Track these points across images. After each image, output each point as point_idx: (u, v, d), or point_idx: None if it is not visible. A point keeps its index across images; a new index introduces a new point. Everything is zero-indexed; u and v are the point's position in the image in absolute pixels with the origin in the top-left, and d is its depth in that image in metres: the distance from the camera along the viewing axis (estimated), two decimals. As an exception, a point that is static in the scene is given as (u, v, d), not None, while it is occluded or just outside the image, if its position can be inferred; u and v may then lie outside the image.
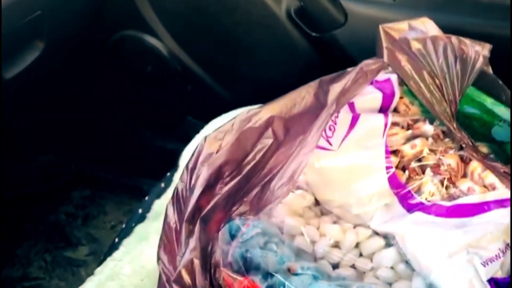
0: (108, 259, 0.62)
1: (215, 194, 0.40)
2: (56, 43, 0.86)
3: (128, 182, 1.21)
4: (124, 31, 1.02)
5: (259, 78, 0.96)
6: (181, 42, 0.99)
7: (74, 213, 1.17)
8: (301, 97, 0.50)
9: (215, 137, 0.44)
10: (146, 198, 0.73)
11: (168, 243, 0.42)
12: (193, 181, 0.41)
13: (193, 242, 0.37)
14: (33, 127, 1.16)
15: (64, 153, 1.23)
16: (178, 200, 0.42)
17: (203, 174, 0.40)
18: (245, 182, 0.43)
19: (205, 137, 0.44)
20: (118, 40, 1.03)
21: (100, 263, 0.64)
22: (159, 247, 0.42)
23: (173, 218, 0.42)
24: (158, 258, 0.42)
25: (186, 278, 0.35)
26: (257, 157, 0.44)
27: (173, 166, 0.76)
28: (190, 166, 0.43)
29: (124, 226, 0.71)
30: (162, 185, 0.74)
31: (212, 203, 0.39)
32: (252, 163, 0.44)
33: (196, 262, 0.36)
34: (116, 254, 0.63)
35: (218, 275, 0.38)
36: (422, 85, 0.49)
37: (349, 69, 0.55)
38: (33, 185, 1.18)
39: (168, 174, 0.76)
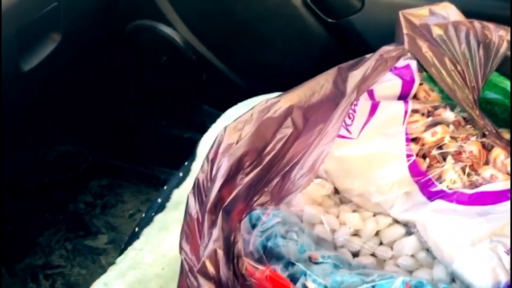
0: (129, 248, 0.63)
1: (236, 185, 0.40)
2: (73, 34, 0.86)
3: (145, 171, 1.22)
4: (139, 21, 1.02)
5: (274, 66, 0.95)
6: (196, 31, 0.99)
7: (93, 202, 1.19)
8: (320, 85, 0.50)
9: (234, 128, 0.44)
10: (165, 187, 0.74)
11: (190, 234, 0.42)
12: (214, 172, 0.41)
13: (216, 232, 0.37)
14: (51, 118, 1.17)
15: (81, 143, 1.24)
16: (199, 191, 0.43)
17: (224, 165, 0.41)
18: (266, 173, 0.43)
19: (225, 128, 0.44)
20: (133, 30, 1.03)
21: (121, 252, 0.65)
22: (181, 237, 0.43)
23: (194, 208, 0.42)
24: (181, 248, 0.42)
25: (211, 269, 0.35)
26: (277, 147, 0.44)
27: (189, 155, 0.76)
28: (210, 156, 0.43)
29: (143, 215, 0.71)
30: (181, 174, 0.74)
31: (233, 194, 0.39)
32: (272, 153, 0.43)
33: (220, 252, 0.36)
34: (137, 244, 0.64)
35: (241, 264, 0.39)
36: (443, 72, 0.48)
37: (367, 56, 0.55)
38: (52, 174, 1.20)
39: (186, 163, 0.76)
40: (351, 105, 0.47)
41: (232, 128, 0.44)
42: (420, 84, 0.60)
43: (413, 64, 0.59)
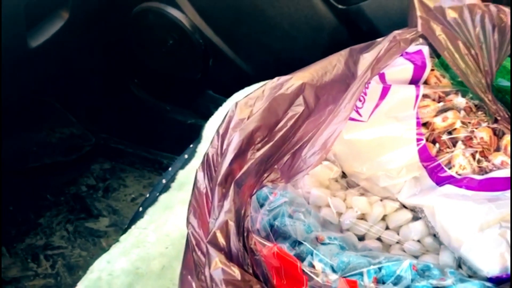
0: (133, 227, 0.63)
1: (247, 160, 0.40)
2: (80, 13, 0.86)
3: (148, 156, 1.22)
4: (147, 2, 1.01)
5: (282, 52, 0.94)
6: (204, 15, 0.98)
7: (95, 185, 1.19)
8: (332, 65, 0.49)
9: (246, 103, 0.44)
10: (170, 169, 0.73)
11: (198, 208, 0.42)
12: (224, 146, 0.41)
13: (227, 204, 0.36)
14: (56, 99, 1.17)
15: (85, 126, 1.24)
16: (208, 165, 0.42)
17: (235, 139, 0.40)
18: (276, 149, 0.42)
19: (236, 103, 0.44)
20: (141, 12, 1.02)
21: (124, 231, 0.65)
22: (189, 212, 0.42)
23: (203, 183, 0.42)
24: (188, 223, 0.42)
25: (221, 240, 0.35)
26: (288, 124, 0.43)
27: (193, 140, 0.76)
28: (221, 131, 0.43)
29: (148, 195, 0.71)
30: (186, 156, 0.74)
31: (245, 167, 0.38)
32: (283, 130, 0.43)
33: (231, 224, 0.36)
34: (141, 223, 0.63)
35: (251, 239, 0.38)
36: (457, 55, 0.47)
37: (379, 40, 0.54)
38: (54, 156, 1.20)
39: (192, 145, 0.76)
40: (364, 86, 0.46)
41: (243, 103, 0.43)
42: (432, 70, 0.59)
43: (425, 50, 0.58)
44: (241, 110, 0.43)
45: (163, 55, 1.08)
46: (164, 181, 0.71)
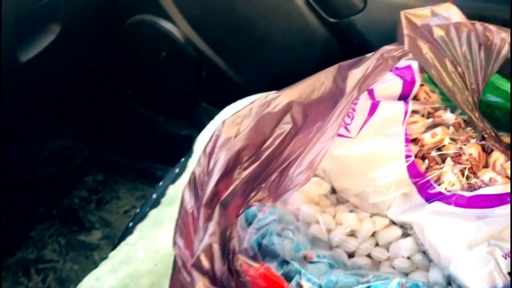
0: (122, 243, 0.62)
1: (233, 180, 0.40)
2: (72, 26, 0.85)
3: (141, 168, 1.21)
4: (139, 15, 1.01)
5: (274, 65, 0.95)
6: (196, 27, 0.98)
7: (88, 197, 1.18)
8: (320, 82, 0.49)
9: (233, 122, 0.43)
10: (160, 183, 0.73)
11: (185, 228, 0.41)
12: (211, 166, 0.41)
13: (212, 226, 0.36)
14: (48, 111, 1.16)
15: (78, 138, 1.23)
16: (195, 185, 0.42)
17: (222, 158, 0.40)
18: (264, 168, 0.42)
19: (223, 122, 0.44)
20: (133, 24, 1.02)
21: (114, 247, 0.64)
22: (175, 232, 0.42)
23: (189, 202, 0.42)
24: (174, 243, 0.42)
25: (205, 263, 0.35)
26: (276, 143, 0.43)
27: (186, 152, 0.76)
28: (208, 150, 0.42)
29: (138, 210, 0.70)
30: (177, 170, 0.73)
31: (231, 188, 0.38)
32: (270, 149, 0.43)
33: (215, 247, 0.35)
34: (130, 239, 0.63)
35: (236, 261, 0.38)
36: (443, 73, 0.47)
37: (368, 55, 0.54)
38: (47, 168, 1.19)
39: (183, 159, 0.76)
40: (351, 104, 0.46)
41: (230, 122, 0.43)
42: (421, 85, 0.59)
43: (415, 65, 0.58)
44: (228, 128, 0.43)
45: (156, 67, 1.08)
46: (154, 196, 0.70)
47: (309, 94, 0.47)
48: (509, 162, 0.50)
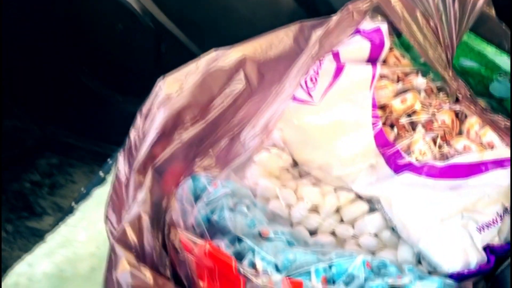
0: (61, 224, 0.56)
1: (172, 142, 0.34)
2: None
3: (99, 150, 1.14)
4: (92, -17, 0.94)
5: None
6: (155, -3, 0.91)
7: (40, 181, 1.10)
8: (279, 39, 0.44)
9: (175, 78, 0.37)
10: (109, 160, 0.66)
11: (118, 200, 0.36)
12: (146, 126, 0.35)
13: (142, 194, 0.30)
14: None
15: (30, 118, 1.15)
16: (129, 150, 0.36)
17: (159, 117, 0.34)
18: (210, 131, 0.37)
19: (163, 77, 0.38)
20: (86, -7, 0.95)
21: (51, 230, 0.58)
22: (107, 205, 0.36)
23: (123, 170, 0.36)
24: (107, 218, 0.36)
25: (131, 236, 0.29)
26: (226, 103, 0.38)
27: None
28: (144, 110, 0.37)
29: (83, 190, 0.64)
30: (127, 146, 0.67)
31: (167, 151, 0.32)
32: (219, 109, 0.37)
33: (145, 218, 0.30)
34: (71, 220, 0.57)
35: (174, 235, 0.32)
36: (414, 27, 0.43)
37: (333, 15, 0.49)
38: (-5, 151, 1.11)
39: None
40: (312, 61, 0.41)
41: (171, 78, 0.37)
42: (391, 50, 0.54)
43: (384, 27, 0.53)
44: (168, 85, 0.37)
45: (112, 42, 1.01)
46: (101, 173, 0.64)
47: (266, 51, 0.42)
48: (484, 129, 0.46)
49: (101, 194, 0.59)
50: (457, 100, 0.47)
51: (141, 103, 1.12)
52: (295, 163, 0.52)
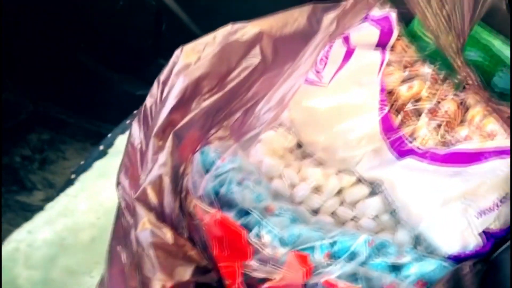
0: (61, 194, 0.56)
1: (191, 110, 0.34)
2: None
3: (92, 128, 1.13)
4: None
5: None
6: (158, -26, 0.90)
7: (31, 156, 1.09)
8: (294, 18, 0.44)
9: (193, 48, 0.38)
10: (109, 135, 0.66)
11: (131, 166, 0.36)
12: (165, 94, 0.35)
13: (163, 157, 0.31)
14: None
15: (23, 92, 1.13)
16: (145, 117, 0.36)
17: (178, 84, 0.34)
18: (226, 102, 0.37)
19: (182, 48, 0.38)
20: (88, -33, 0.94)
21: (51, 199, 0.57)
22: (120, 170, 0.36)
23: (138, 137, 0.36)
24: (118, 183, 0.36)
25: (152, 197, 0.29)
26: (242, 76, 0.38)
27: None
28: (162, 78, 0.37)
29: (82, 162, 0.64)
30: (128, 121, 0.67)
31: (187, 117, 0.33)
32: (235, 81, 0.38)
33: (166, 179, 0.30)
34: (71, 190, 0.57)
35: (189, 201, 0.33)
36: (428, 14, 0.43)
37: (344, 1, 0.50)
38: (-15, 123, 1.09)
39: (135, 111, 0.69)
40: (329, 39, 0.41)
41: (190, 48, 0.38)
42: (398, 39, 0.55)
43: (393, 15, 0.54)
44: (187, 54, 0.37)
45: (112, 19, 1.00)
46: (101, 147, 0.64)
47: (281, 28, 0.42)
48: (486, 119, 0.47)
49: (102, 166, 0.59)
50: (463, 89, 0.48)
51: (137, 83, 1.11)
52: (299, 145, 0.53)
